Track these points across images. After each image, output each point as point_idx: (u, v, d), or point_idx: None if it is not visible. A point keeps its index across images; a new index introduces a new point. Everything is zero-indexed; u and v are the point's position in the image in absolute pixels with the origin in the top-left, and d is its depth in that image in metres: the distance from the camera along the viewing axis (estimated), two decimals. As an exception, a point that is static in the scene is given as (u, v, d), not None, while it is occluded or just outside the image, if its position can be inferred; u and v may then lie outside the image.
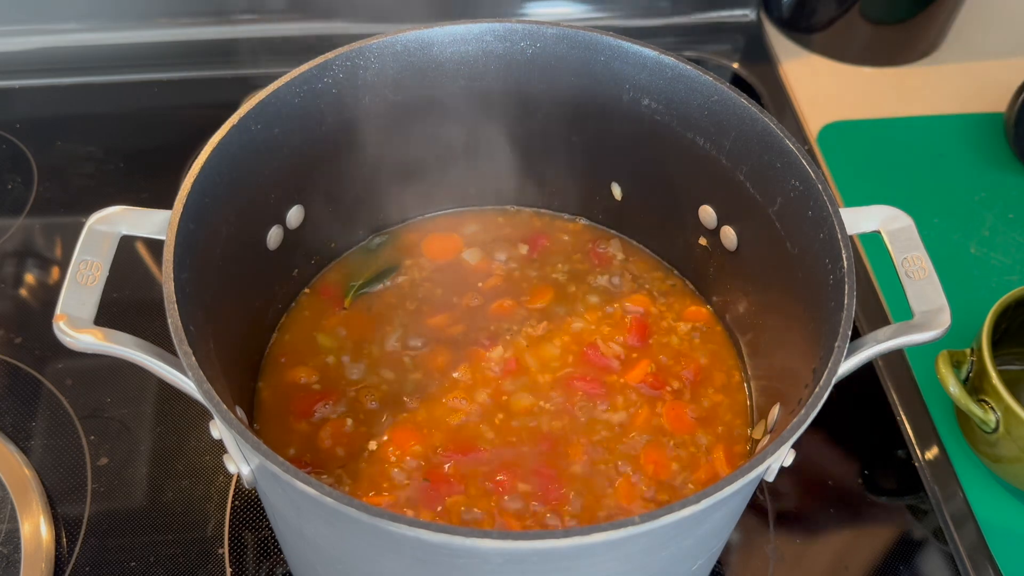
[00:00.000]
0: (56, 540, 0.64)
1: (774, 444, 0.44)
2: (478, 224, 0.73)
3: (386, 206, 0.71)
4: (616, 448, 0.60)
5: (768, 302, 0.61)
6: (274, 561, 0.64)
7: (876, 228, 0.54)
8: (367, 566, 0.48)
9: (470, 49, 0.62)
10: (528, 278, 0.69)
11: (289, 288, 0.67)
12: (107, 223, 0.51)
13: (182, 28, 1.00)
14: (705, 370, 0.65)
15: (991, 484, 0.71)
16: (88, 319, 0.47)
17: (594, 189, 0.71)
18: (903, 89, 1.01)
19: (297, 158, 0.61)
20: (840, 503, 0.70)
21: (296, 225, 0.64)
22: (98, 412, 0.71)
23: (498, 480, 0.58)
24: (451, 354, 0.64)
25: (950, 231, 0.87)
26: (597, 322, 0.66)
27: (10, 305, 0.78)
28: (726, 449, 0.61)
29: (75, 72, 0.98)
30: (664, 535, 0.44)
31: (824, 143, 0.95)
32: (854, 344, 0.49)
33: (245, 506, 0.67)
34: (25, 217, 0.84)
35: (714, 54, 1.04)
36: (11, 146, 0.90)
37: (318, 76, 0.59)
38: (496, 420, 0.61)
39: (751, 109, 0.57)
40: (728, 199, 0.62)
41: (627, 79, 0.62)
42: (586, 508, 0.57)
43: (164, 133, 0.93)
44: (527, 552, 0.41)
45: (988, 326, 0.68)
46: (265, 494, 0.52)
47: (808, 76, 1.02)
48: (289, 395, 0.62)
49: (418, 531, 0.39)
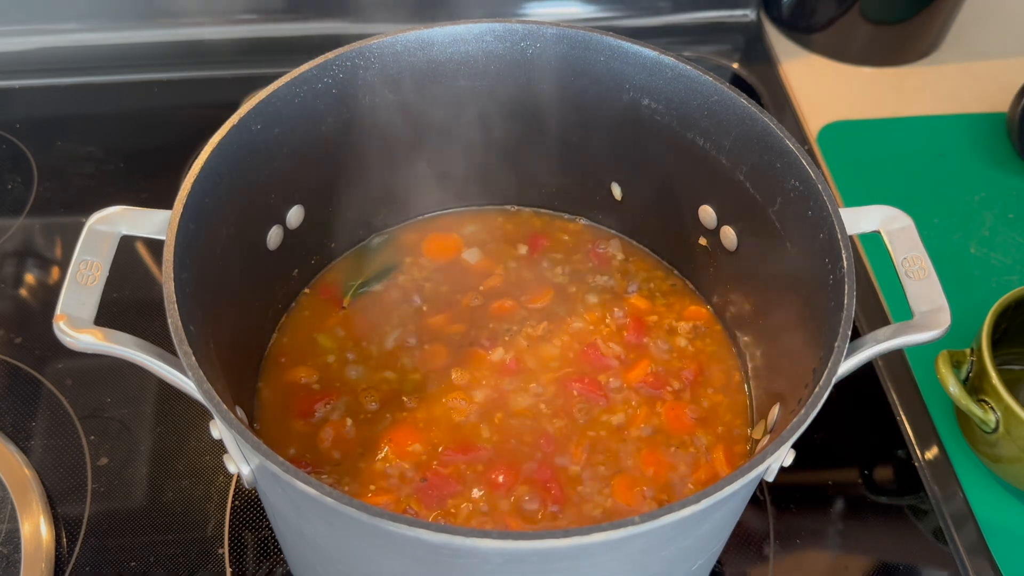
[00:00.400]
0: (56, 540, 0.64)
1: (774, 444, 0.44)
2: (478, 224, 0.73)
3: (386, 206, 0.71)
4: (616, 448, 0.60)
5: (768, 302, 0.61)
6: (274, 561, 0.64)
7: (876, 228, 0.54)
8: (367, 566, 0.48)
9: (470, 49, 0.62)
10: (528, 278, 0.69)
11: (289, 288, 0.67)
12: (107, 223, 0.51)
13: (182, 28, 1.00)
14: (705, 370, 0.65)
15: (991, 484, 0.71)
16: (88, 319, 0.47)
17: (594, 189, 0.71)
18: (903, 89, 1.01)
19: (297, 158, 0.61)
20: (840, 503, 0.70)
21: (296, 225, 0.64)
22: (98, 412, 0.71)
23: (498, 480, 0.58)
24: (451, 354, 0.64)
25: (950, 231, 0.87)
26: (597, 322, 0.66)
27: (10, 305, 0.78)
28: (726, 449, 0.61)
29: (75, 72, 0.98)
30: (664, 535, 0.44)
31: (824, 143, 0.95)
32: (854, 344, 0.49)
33: (245, 506, 0.67)
34: (25, 217, 0.84)
35: (714, 54, 1.04)
36: (11, 146, 0.90)
37: (318, 76, 0.59)
38: (496, 420, 0.61)
39: (751, 109, 0.57)
40: (728, 199, 0.62)
41: (627, 79, 0.62)
42: (586, 508, 0.57)
43: (164, 133, 0.93)
44: (527, 552, 0.41)
45: (988, 326, 0.68)
46: (265, 494, 0.52)
47: (808, 76, 1.02)
48: (289, 395, 0.62)
49: (418, 531, 0.39)
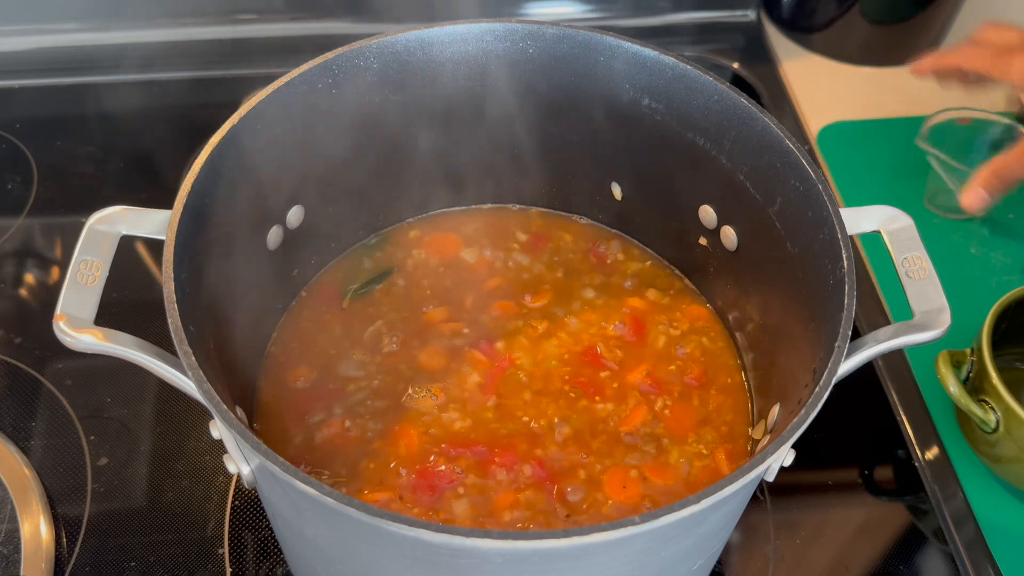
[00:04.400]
0: (56, 540, 0.64)
1: (774, 444, 0.44)
2: (478, 224, 0.73)
3: (386, 206, 0.71)
4: (616, 448, 0.60)
5: (768, 302, 0.61)
6: (274, 561, 0.64)
7: (876, 228, 0.54)
8: (367, 566, 0.48)
9: (470, 49, 0.62)
10: (528, 278, 0.69)
11: (289, 288, 0.67)
12: (107, 223, 0.51)
13: (182, 28, 1.00)
14: (705, 370, 0.65)
15: (991, 484, 0.71)
16: (88, 319, 0.47)
17: (594, 189, 0.71)
18: (903, 89, 1.01)
19: (297, 158, 0.61)
20: (840, 503, 0.70)
21: (296, 225, 0.64)
22: (98, 412, 0.71)
23: (498, 479, 0.58)
24: (450, 354, 0.64)
25: (950, 231, 0.87)
26: (597, 322, 0.66)
27: (10, 305, 0.78)
28: (726, 449, 0.61)
29: (75, 72, 0.97)
30: (664, 535, 0.44)
31: (824, 143, 0.95)
32: (854, 344, 0.49)
33: (245, 506, 0.67)
34: (25, 217, 0.84)
35: (714, 54, 1.04)
36: (11, 146, 0.90)
37: (318, 76, 0.59)
38: (495, 420, 0.61)
39: (751, 109, 0.57)
40: (728, 199, 0.62)
41: (627, 79, 0.62)
42: (585, 508, 0.57)
43: (164, 133, 0.93)
44: (527, 552, 0.41)
45: (988, 326, 0.68)
46: (265, 494, 0.52)
47: (808, 76, 1.02)
48: (289, 395, 0.62)
49: (418, 531, 0.39)
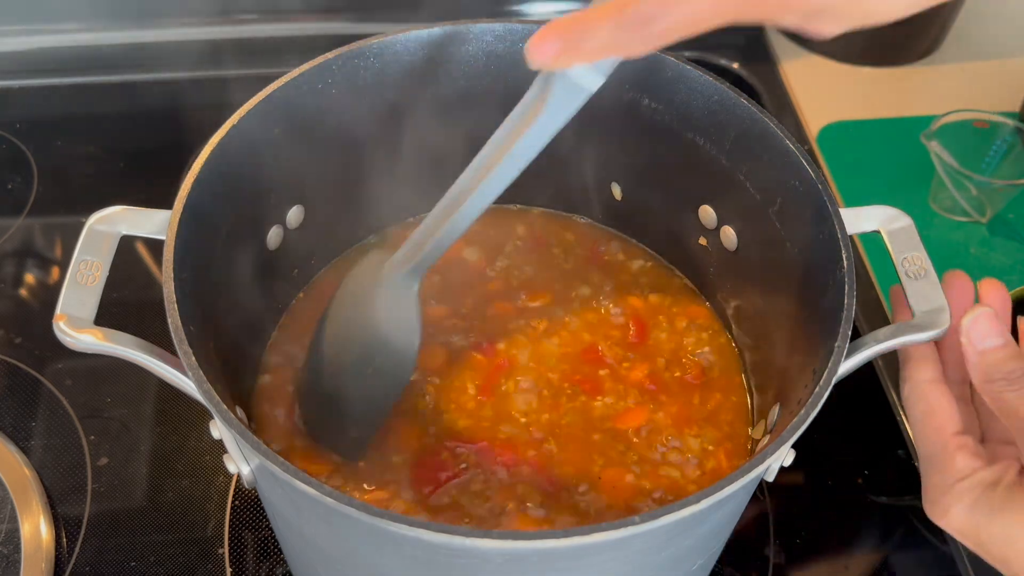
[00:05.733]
0: (56, 540, 0.64)
1: (774, 444, 0.44)
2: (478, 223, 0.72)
3: (386, 206, 0.70)
4: (615, 448, 0.60)
5: (768, 302, 0.61)
6: (274, 561, 0.64)
7: (876, 228, 0.54)
8: (367, 566, 0.48)
9: (470, 49, 0.62)
10: (528, 277, 0.69)
11: (289, 288, 0.67)
12: (107, 223, 0.51)
13: (182, 28, 1.00)
14: (705, 370, 0.64)
15: (991, 484, 0.71)
16: (88, 319, 0.47)
17: (594, 189, 0.71)
18: (903, 89, 1.01)
19: (297, 158, 0.60)
20: (840, 503, 0.70)
21: (296, 225, 0.64)
22: (98, 412, 0.71)
23: (497, 479, 0.58)
24: (450, 353, 0.64)
25: (950, 231, 0.87)
26: (597, 322, 0.66)
27: (10, 305, 0.78)
28: (726, 449, 0.61)
29: (75, 72, 0.98)
30: (664, 535, 0.44)
31: (824, 143, 0.95)
32: (854, 344, 0.49)
33: (245, 506, 0.67)
34: (25, 217, 0.84)
35: (714, 54, 1.04)
36: (11, 146, 0.90)
37: (318, 76, 0.59)
38: (495, 420, 0.61)
39: (751, 109, 0.57)
40: (728, 199, 0.62)
41: (627, 79, 0.62)
42: (585, 508, 0.57)
43: (164, 133, 0.93)
44: (527, 552, 0.41)
45: (988, 326, 0.68)
46: (265, 494, 0.52)
47: (808, 76, 1.02)
48: (289, 395, 0.62)
49: (418, 531, 0.39)
